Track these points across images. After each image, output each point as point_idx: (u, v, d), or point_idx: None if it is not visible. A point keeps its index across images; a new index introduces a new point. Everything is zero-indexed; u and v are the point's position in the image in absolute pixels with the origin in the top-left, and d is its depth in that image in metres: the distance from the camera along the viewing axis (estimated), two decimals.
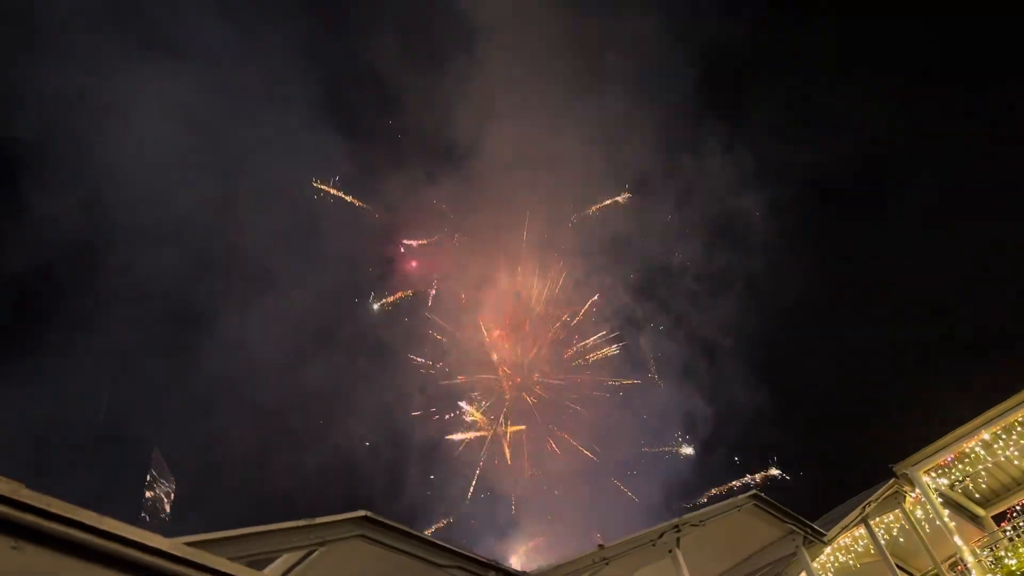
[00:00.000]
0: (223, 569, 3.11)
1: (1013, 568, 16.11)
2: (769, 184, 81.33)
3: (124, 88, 73.62)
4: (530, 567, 12.14)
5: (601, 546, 10.87)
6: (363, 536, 8.66)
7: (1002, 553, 16.99)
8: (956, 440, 18.24)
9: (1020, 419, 17.79)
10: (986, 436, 18.16)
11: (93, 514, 2.57)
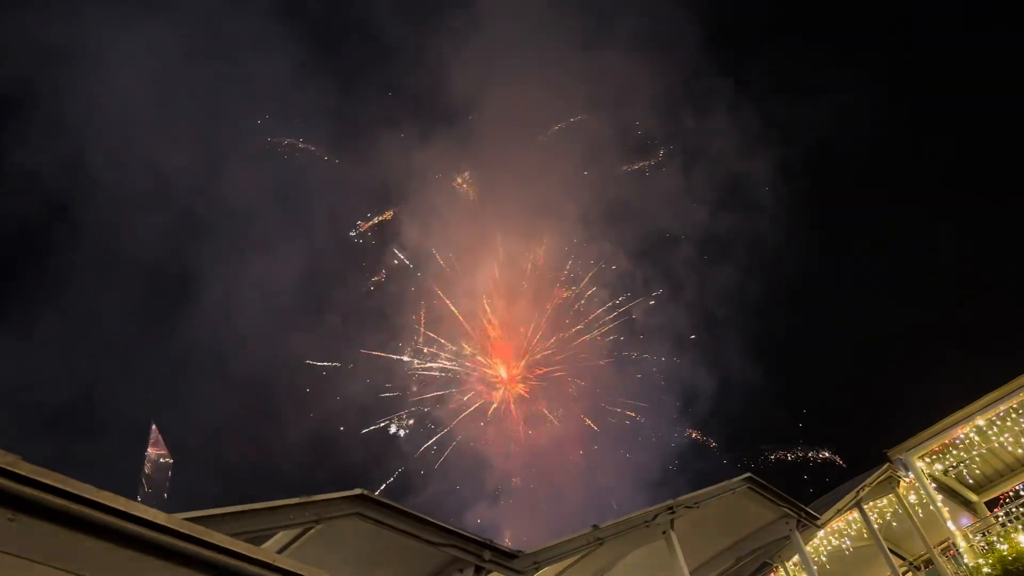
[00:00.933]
0: (222, 544, 3.14)
1: (1005, 553, 16.22)
2: (776, 146, 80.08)
3: (106, 42, 71.09)
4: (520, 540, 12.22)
5: (596, 526, 10.93)
6: (359, 514, 8.71)
7: (994, 538, 17.11)
8: (951, 426, 18.32)
9: (1015, 406, 17.86)
10: (980, 422, 18.24)
11: (91, 487, 2.60)
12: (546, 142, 78.68)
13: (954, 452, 19.14)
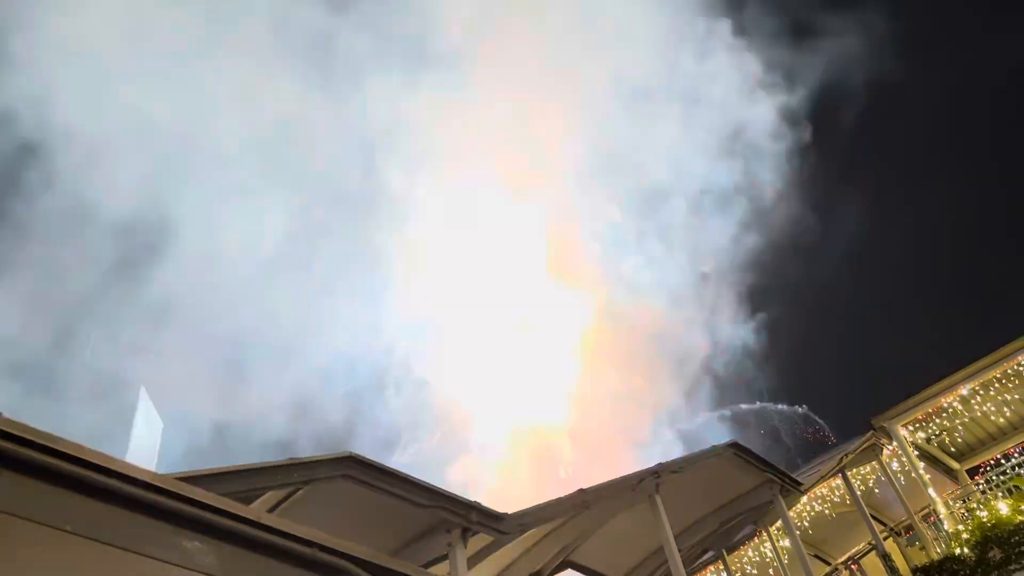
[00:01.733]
0: (211, 502, 3.17)
1: (984, 520, 16.49)
2: (779, 90, 78.66)
3: None
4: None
5: (582, 490, 11.06)
6: (347, 476, 8.79)
7: (974, 505, 17.39)
8: (935, 395, 18.54)
9: (998, 375, 18.07)
10: (964, 392, 18.45)
11: (76, 444, 2.62)
12: (538, 88, 77.40)
13: (937, 421, 19.38)
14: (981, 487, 17.92)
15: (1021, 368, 17.94)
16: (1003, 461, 18.20)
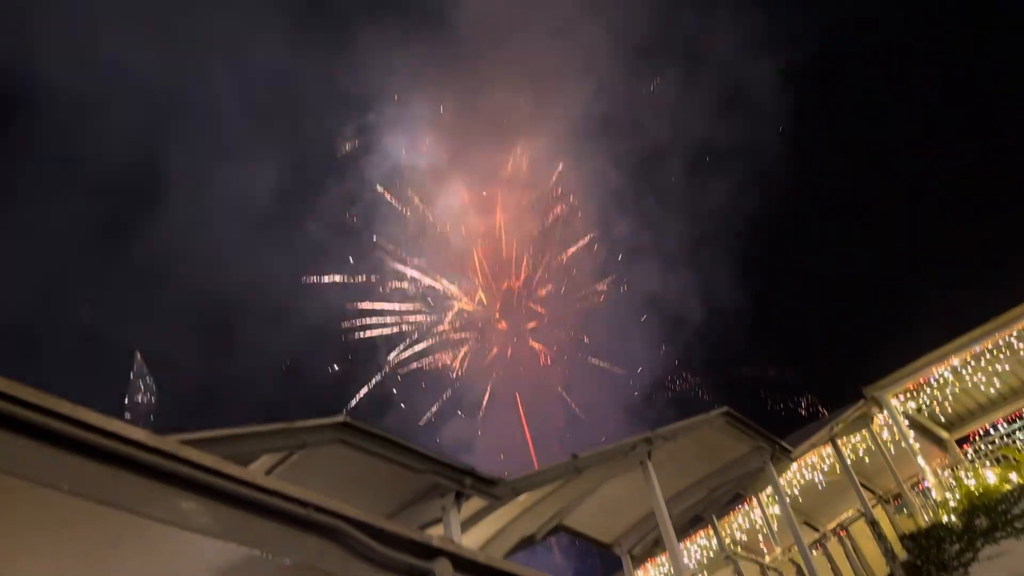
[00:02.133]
0: (205, 463, 3.17)
1: (972, 488, 16.68)
2: (779, 51, 77.29)
3: None
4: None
5: (575, 456, 11.15)
6: (342, 440, 8.84)
7: (962, 474, 17.57)
8: (927, 365, 18.63)
9: (990, 346, 18.16)
10: (956, 362, 18.56)
11: (69, 403, 2.62)
12: (537, 48, 76.14)
13: (928, 391, 19.51)
14: (970, 456, 18.11)
15: (1013, 339, 18.03)
16: (992, 431, 18.38)
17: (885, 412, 18.94)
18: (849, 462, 18.10)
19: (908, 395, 19.47)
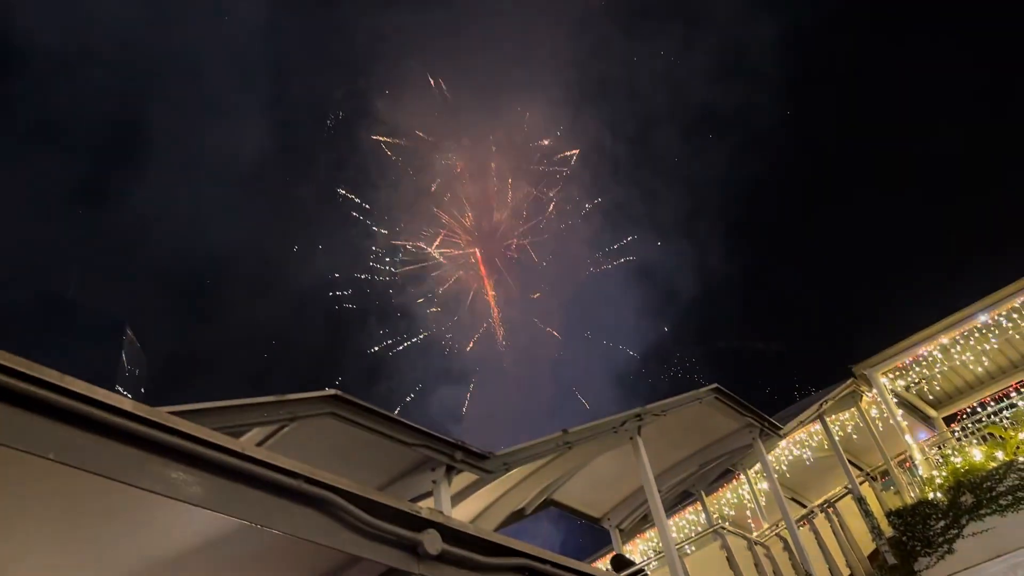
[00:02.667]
0: (196, 434, 3.17)
1: (958, 466, 16.85)
2: (778, 14, 76.01)
3: None
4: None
5: (565, 431, 11.19)
6: (333, 414, 8.84)
7: (949, 452, 17.74)
8: (916, 344, 18.76)
9: (978, 325, 18.28)
10: (944, 341, 18.68)
11: (56, 372, 2.61)
12: (528, 7, 74.74)
13: (917, 369, 19.65)
14: (957, 434, 18.26)
15: (1001, 318, 18.15)
16: (979, 409, 18.53)
17: (874, 390, 19.08)
18: (837, 439, 18.25)
19: (897, 373, 19.61)
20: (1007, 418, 17.37)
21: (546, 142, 75.48)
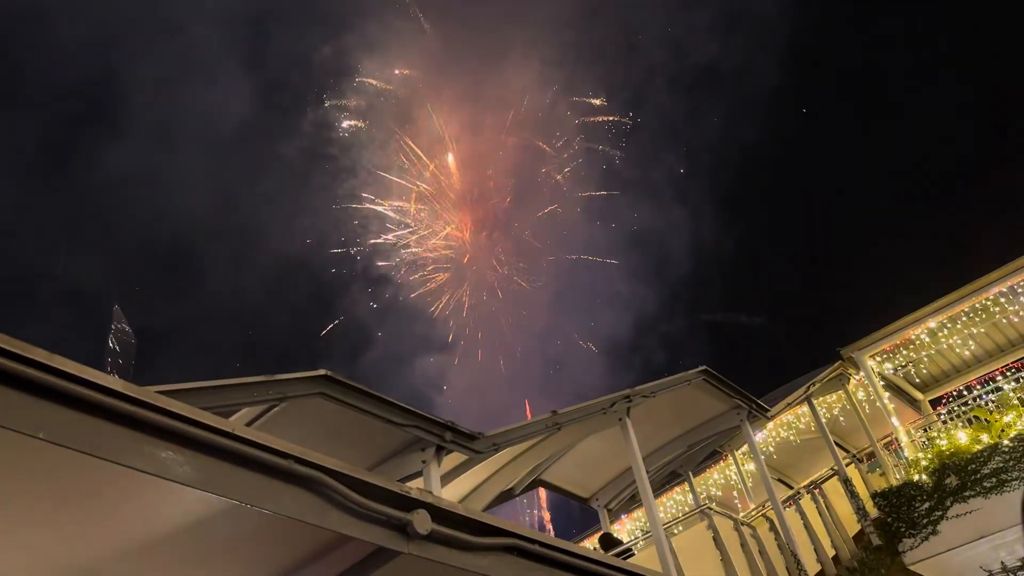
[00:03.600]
0: (185, 413, 3.16)
1: (943, 448, 17.02)
2: None
3: None
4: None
5: (554, 412, 11.23)
6: (323, 394, 8.85)
7: (935, 434, 17.90)
8: (904, 327, 18.88)
9: (966, 309, 18.41)
10: (932, 324, 18.80)
11: (44, 351, 2.60)
12: None
13: (904, 352, 19.80)
14: (942, 417, 18.43)
15: (988, 303, 18.28)
16: (965, 392, 18.68)
17: (861, 372, 19.21)
18: (824, 421, 18.40)
19: (884, 356, 19.74)
20: (992, 401, 17.53)
21: (531, 99, 73.57)
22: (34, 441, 2.66)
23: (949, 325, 18.99)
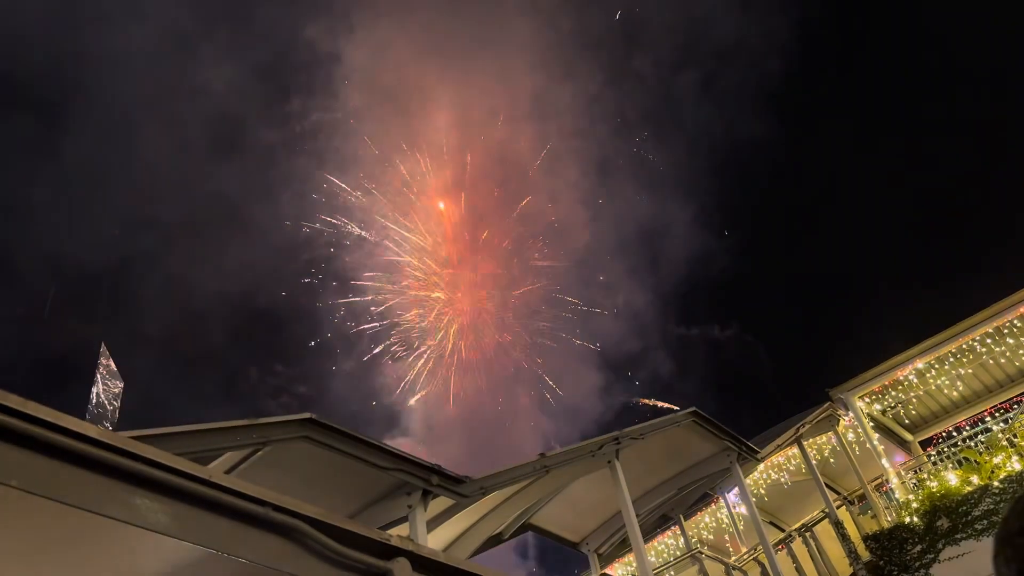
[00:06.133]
0: (161, 460, 3.14)
1: (934, 490, 16.95)
2: None
3: None
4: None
5: (543, 455, 11.17)
6: (307, 438, 8.77)
7: (925, 476, 17.84)
8: (891, 368, 18.92)
9: (953, 350, 18.48)
10: (920, 365, 18.85)
11: (18, 398, 2.57)
12: None
13: (893, 393, 19.81)
14: (932, 458, 18.38)
15: (975, 344, 18.37)
16: (954, 433, 18.67)
17: (850, 413, 19.20)
18: (814, 463, 18.32)
19: (873, 397, 19.75)
20: (982, 442, 17.51)
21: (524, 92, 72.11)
22: (7, 489, 2.63)
23: (936, 366, 19.05)
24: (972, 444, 17.71)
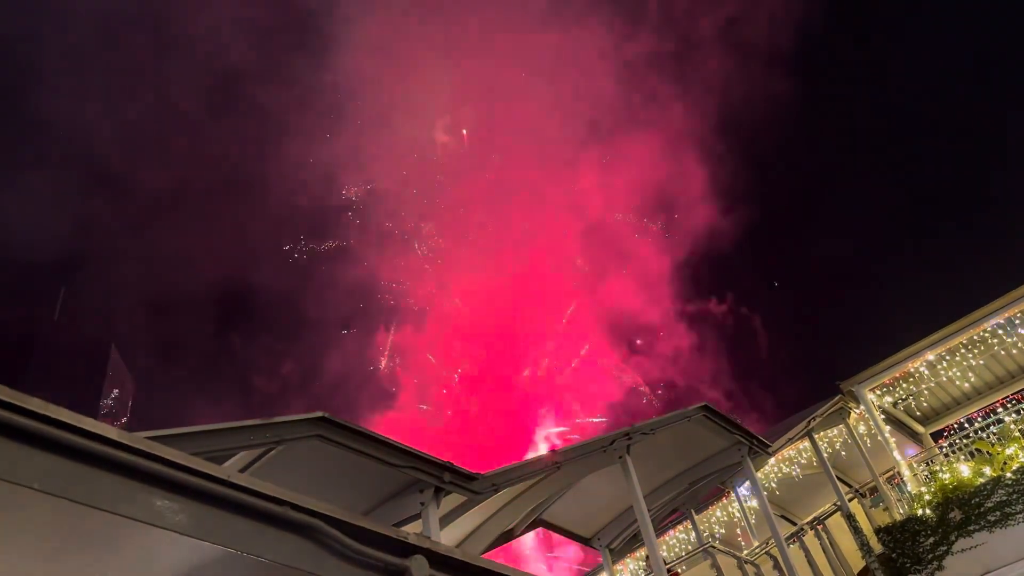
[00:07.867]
0: (179, 461, 3.16)
1: (946, 482, 16.90)
2: None
3: None
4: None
5: (554, 451, 11.18)
6: (320, 436, 8.80)
7: (937, 468, 17.78)
8: (903, 360, 18.85)
9: (964, 341, 18.40)
10: (931, 357, 18.78)
11: (40, 401, 2.60)
12: None
13: (904, 385, 19.73)
14: (944, 450, 18.32)
15: (987, 335, 18.28)
16: (967, 425, 18.58)
17: (861, 406, 19.14)
18: (826, 456, 18.27)
19: (884, 389, 19.69)
20: (994, 433, 17.43)
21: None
22: (30, 491, 2.65)
23: (948, 358, 18.96)
24: (984, 435, 17.63)
